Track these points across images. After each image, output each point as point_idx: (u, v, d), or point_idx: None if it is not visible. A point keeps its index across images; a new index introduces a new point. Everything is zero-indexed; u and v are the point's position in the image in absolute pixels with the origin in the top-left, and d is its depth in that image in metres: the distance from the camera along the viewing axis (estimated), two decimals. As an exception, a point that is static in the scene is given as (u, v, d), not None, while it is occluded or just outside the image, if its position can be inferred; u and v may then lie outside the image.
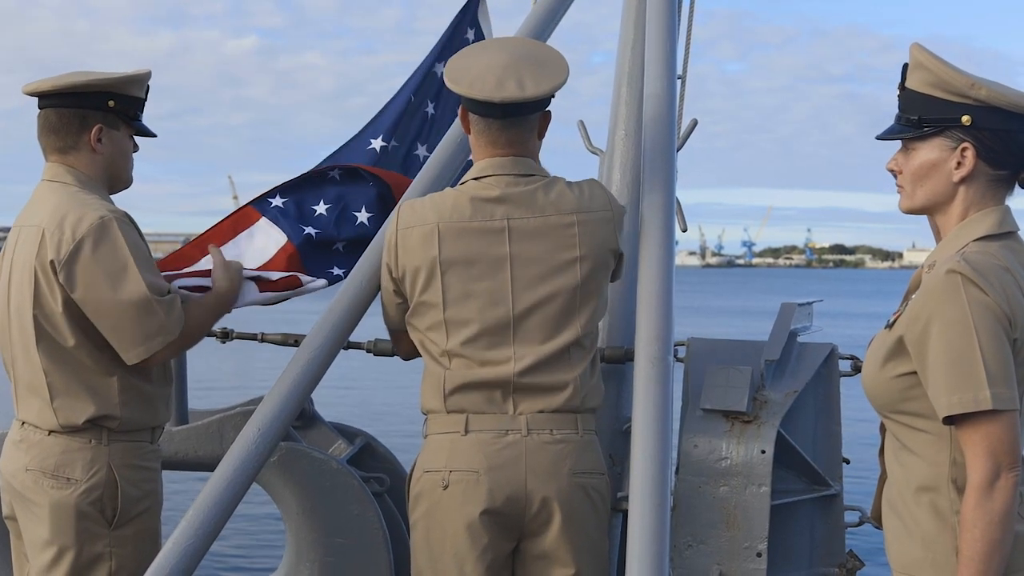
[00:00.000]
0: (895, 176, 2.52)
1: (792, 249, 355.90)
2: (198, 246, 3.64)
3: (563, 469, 2.93)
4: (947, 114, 2.39)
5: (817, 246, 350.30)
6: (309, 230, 3.60)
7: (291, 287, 3.51)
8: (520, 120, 3.00)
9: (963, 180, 2.41)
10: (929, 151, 2.43)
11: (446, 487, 2.92)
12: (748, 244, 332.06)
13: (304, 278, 3.53)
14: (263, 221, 3.66)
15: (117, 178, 3.35)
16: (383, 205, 3.65)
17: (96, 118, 3.25)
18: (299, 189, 3.72)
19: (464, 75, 2.96)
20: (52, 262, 3.10)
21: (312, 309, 3.87)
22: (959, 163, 2.40)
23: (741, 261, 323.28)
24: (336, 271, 3.61)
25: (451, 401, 2.96)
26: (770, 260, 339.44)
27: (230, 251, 3.60)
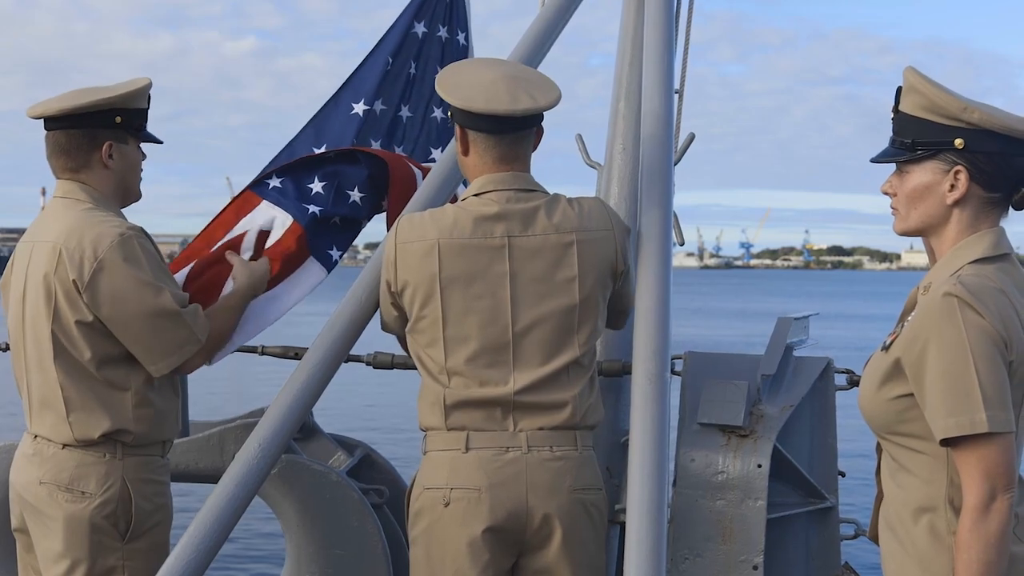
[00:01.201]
0: (890, 198, 2.55)
1: (790, 250, 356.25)
2: (204, 238, 3.65)
3: (563, 485, 2.94)
4: (940, 137, 2.41)
5: (815, 247, 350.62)
6: (312, 208, 3.63)
7: (297, 262, 3.56)
8: (526, 134, 3.02)
9: (957, 203, 2.43)
10: (923, 174, 2.45)
11: (447, 504, 2.93)
12: (746, 245, 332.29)
13: (307, 264, 3.58)
14: (264, 204, 3.67)
15: (129, 191, 3.38)
16: (374, 185, 3.68)
17: (106, 135, 3.27)
18: (294, 170, 3.73)
19: (476, 93, 2.95)
20: (75, 282, 3.13)
21: (314, 311, 3.89)
22: (952, 186, 2.42)
23: (739, 262, 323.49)
24: (334, 254, 3.65)
25: (451, 419, 2.96)
26: (768, 261, 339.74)
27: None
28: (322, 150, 3.89)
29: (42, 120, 3.30)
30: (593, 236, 3.00)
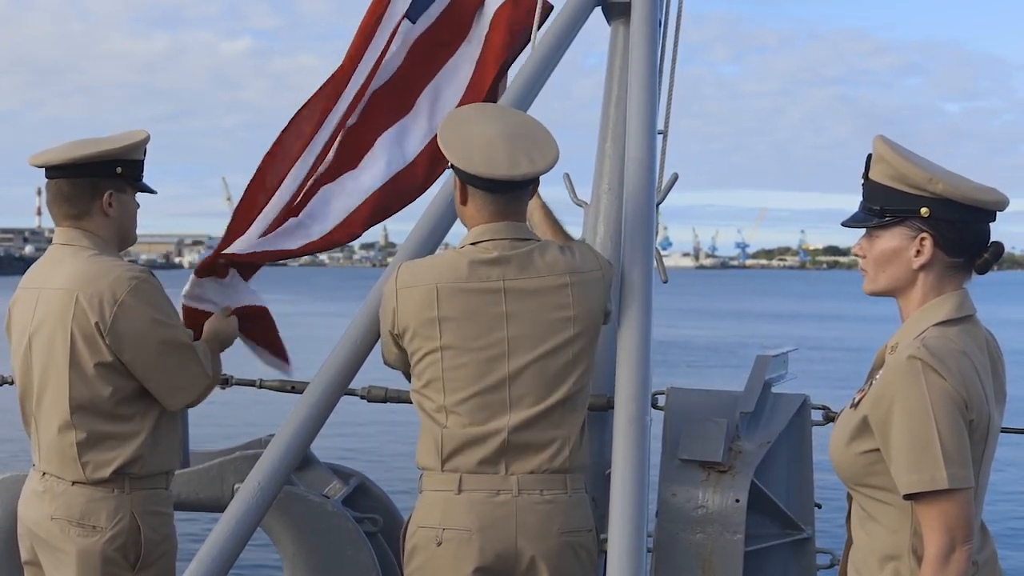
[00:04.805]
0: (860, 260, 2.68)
1: (786, 251, 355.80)
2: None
3: (552, 529, 3.04)
4: (907, 206, 2.55)
5: (811, 248, 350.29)
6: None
7: None
8: (524, 192, 3.14)
9: (922, 267, 2.56)
10: (890, 239, 2.59)
11: (440, 544, 3.03)
12: (742, 246, 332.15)
13: None
14: None
15: (127, 237, 3.54)
16: None
17: (107, 185, 3.42)
18: None
19: (476, 153, 3.04)
20: (97, 325, 3.28)
21: (312, 334, 3.99)
22: (918, 251, 2.55)
23: (735, 263, 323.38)
24: None
25: (447, 459, 3.06)
26: (764, 262, 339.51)
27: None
28: None
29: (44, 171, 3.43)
30: (586, 278, 3.12)
